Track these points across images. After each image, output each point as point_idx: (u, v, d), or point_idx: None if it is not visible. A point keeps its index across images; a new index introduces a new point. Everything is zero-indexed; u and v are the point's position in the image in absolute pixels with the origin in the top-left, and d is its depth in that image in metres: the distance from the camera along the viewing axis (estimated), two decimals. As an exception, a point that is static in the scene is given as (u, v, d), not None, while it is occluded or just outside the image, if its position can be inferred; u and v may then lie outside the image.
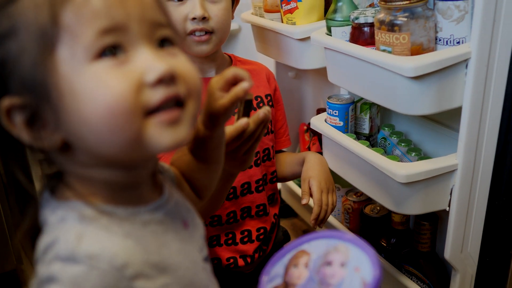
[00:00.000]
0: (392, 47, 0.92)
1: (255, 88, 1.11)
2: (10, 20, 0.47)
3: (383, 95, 0.97)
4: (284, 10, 1.26)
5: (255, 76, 1.13)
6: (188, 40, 0.99)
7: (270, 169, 1.13)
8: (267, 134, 1.11)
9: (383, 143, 1.20)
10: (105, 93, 0.45)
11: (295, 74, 1.74)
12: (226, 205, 1.06)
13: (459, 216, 0.99)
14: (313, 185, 1.05)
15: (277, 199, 1.19)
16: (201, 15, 0.95)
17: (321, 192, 1.05)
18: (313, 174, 1.07)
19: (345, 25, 1.07)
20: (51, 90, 0.46)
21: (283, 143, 1.20)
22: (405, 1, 0.89)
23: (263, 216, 1.12)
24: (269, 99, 1.13)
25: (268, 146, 1.11)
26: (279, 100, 1.18)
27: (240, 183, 1.07)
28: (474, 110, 0.91)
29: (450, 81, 0.89)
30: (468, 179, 0.96)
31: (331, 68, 1.14)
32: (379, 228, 1.29)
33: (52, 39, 0.45)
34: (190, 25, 0.97)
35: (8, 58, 0.47)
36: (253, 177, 1.08)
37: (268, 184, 1.14)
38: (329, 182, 1.08)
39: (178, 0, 0.97)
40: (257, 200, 1.10)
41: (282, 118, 1.18)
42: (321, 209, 1.04)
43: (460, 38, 0.90)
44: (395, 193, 1.00)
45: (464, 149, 0.93)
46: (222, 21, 0.99)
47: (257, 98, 1.10)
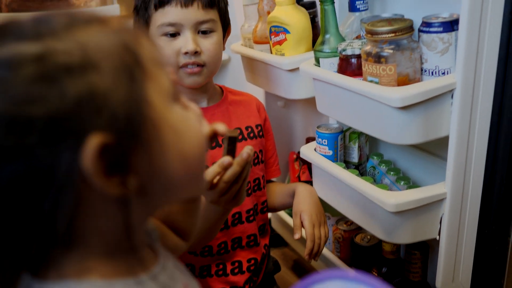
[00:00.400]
0: (379, 78, 0.93)
1: (245, 118, 1.12)
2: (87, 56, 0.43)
3: (371, 125, 0.99)
4: (273, 41, 1.29)
5: (246, 107, 1.15)
6: (180, 72, 1.01)
7: (261, 199, 1.13)
8: (258, 164, 1.12)
9: (372, 171, 1.20)
10: (197, 131, 0.49)
11: (284, 103, 1.75)
12: (217, 236, 1.06)
13: (449, 245, 0.99)
14: (305, 219, 1.06)
15: (268, 229, 1.18)
16: (193, 49, 0.97)
17: (313, 226, 1.06)
18: (304, 207, 1.08)
19: (333, 56, 1.09)
20: (148, 127, 0.43)
21: (273, 173, 1.20)
22: (391, 34, 0.91)
23: (253, 246, 1.11)
24: (260, 129, 1.14)
25: (258, 176, 1.12)
26: (269, 130, 1.19)
27: (231, 213, 1.06)
28: (461, 139, 0.92)
29: (437, 111, 0.91)
30: (457, 208, 0.97)
31: (320, 98, 1.15)
32: (370, 257, 1.28)
33: (141, 71, 0.44)
34: (183, 59, 0.99)
35: (96, 92, 0.41)
36: (244, 207, 1.08)
37: (259, 214, 1.14)
38: (320, 215, 1.08)
39: (171, 35, 0.99)
40: (248, 230, 1.10)
41: (272, 148, 1.19)
42: (314, 243, 1.04)
43: (445, 69, 0.92)
44: (384, 222, 1.00)
45: (452, 178, 0.94)
46: (214, 55, 1.02)
47: (248, 128, 1.12)
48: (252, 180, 1.10)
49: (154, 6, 0.98)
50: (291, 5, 1.24)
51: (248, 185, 1.09)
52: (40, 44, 0.41)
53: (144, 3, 1.00)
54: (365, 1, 1.12)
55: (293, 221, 1.09)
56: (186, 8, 0.97)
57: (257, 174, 1.12)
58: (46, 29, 0.42)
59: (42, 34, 0.42)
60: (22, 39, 0.41)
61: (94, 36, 0.43)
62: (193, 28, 0.98)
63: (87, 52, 0.42)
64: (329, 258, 1.40)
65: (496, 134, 0.93)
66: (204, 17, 0.99)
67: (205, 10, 0.99)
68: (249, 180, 1.09)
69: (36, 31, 0.42)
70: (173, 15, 0.97)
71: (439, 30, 0.90)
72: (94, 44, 0.43)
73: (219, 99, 1.12)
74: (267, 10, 1.36)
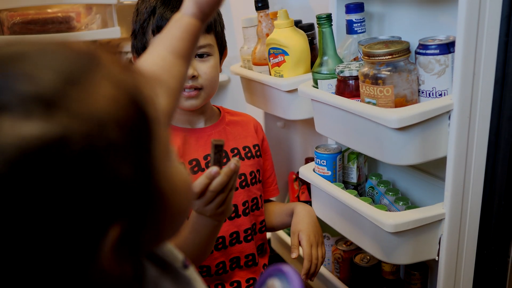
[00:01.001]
0: (377, 99, 0.94)
1: (243, 138, 1.13)
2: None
3: (369, 146, 0.99)
4: (272, 63, 1.30)
5: (244, 127, 1.16)
6: None
7: (259, 219, 1.14)
8: (255, 183, 1.12)
9: (371, 192, 1.20)
10: (188, 181, 0.48)
11: (283, 124, 1.76)
12: (215, 256, 1.06)
13: (448, 265, 0.99)
14: (303, 239, 1.06)
15: (266, 249, 1.18)
16: (191, 74, 1.00)
17: (311, 246, 1.07)
18: (303, 227, 1.08)
19: (331, 78, 1.11)
20: (157, 197, 0.40)
21: (272, 192, 1.21)
22: (388, 56, 0.92)
23: (252, 266, 1.11)
24: (257, 149, 1.15)
25: (256, 196, 1.12)
26: (267, 150, 1.20)
27: (229, 232, 1.06)
28: (459, 159, 0.92)
29: (434, 132, 0.92)
30: (456, 228, 0.97)
31: (318, 119, 1.16)
32: (370, 277, 1.28)
33: (148, 141, 0.40)
34: None
35: (119, 178, 0.36)
36: (241, 226, 1.08)
37: (257, 233, 1.13)
38: (318, 235, 1.09)
39: None
40: (246, 250, 1.09)
41: (270, 168, 1.20)
42: (312, 263, 1.04)
43: (442, 91, 0.93)
44: (383, 243, 1.00)
45: (451, 198, 0.94)
46: (210, 78, 1.04)
47: (245, 148, 1.13)
48: (250, 200, 1.11)
49: (152, 32, 1.00)
50: (289, 28, 1.26)
51: (246, 205, 1.09)
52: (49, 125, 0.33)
53: (142, 28, 1.01)
54: (362, 23, 1.13)
55: (290, 240, 1.10)
56: None
57: (255, 194, 1.12)
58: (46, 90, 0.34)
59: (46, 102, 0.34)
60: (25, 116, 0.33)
61: (104, 98, 0.36)
62: None
63: (106, 129, 0.35)
64: (328, 278, 1.39)
65: (494, 154, 0.93)
66: (201, 42, 1.01)
67: (202, 35, 0.98)
68: (246, 199, 1.09)
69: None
70: None
71: (435, 52, 0.92)
72: (108, 111, 0.36)
73: (216, 120, 1.13)
74: (266, 32, 1.38)
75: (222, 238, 1.06)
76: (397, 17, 1.14)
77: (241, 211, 1.09)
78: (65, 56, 0.37)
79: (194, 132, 1.09)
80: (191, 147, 1.07)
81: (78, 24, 1.59)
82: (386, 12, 1.17)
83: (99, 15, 1.64)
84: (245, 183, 1.11)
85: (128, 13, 1.11)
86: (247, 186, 1.11)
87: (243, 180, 1.10)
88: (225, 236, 1.06)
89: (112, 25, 1.64)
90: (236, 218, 1.08)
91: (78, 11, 1.59)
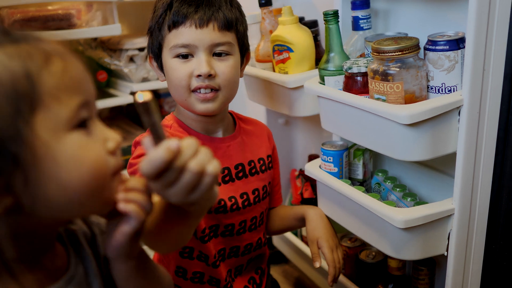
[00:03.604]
0: (386, 95, 0.94)
1: (257, 149, 1.08)
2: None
3: (378, 142, 0.99)
4: (276, 60, 1.30)
5: (258, 137, 1.10)
6: (192, 97, 0.95)
7: (261, 233, 1.11)
8: (265, 197, 1.08)
9: (378, 188, 1.21)
10: (90, 159, 0.50)
11: (285, 121, 1.76)
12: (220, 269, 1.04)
13: (457, 260, 0.99)
14: (324, 247, 1.05)
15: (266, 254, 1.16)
16: (207, 72, 0.91)
17: (332, 251, 1.06)
18: (320, 234, 1.07)
19: (338, 75, 1.11)
20: (27, 155, 0.47)
21: (276, 201, 1.18)
22: (397, 52, 0.92)
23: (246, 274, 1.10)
24: (270, 160, 1.11)
25: (263, 210, 1.09)
26: (276, 159, 1.15)
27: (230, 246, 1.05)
28: (468, 155, 0.93)
29: (444, 128, 0.92)
30: (465, 224, 0.97)
31: (325, 116, 1.16)
32: (376, 274, 1.28)
33: (31, 104, 0.47)
34: (195, 82, 0.93)
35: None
36: (243, 242, 1.06)
37: (261, 248, 1.11)
38: (334, 238, 1.08)
39: (184, 57, 0.93)
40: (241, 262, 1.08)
41: (277, 176, 1.16)
42: (336, 268, 1.05)
43: (451, 86, 0.94)
44: (393, 239, 1.00)
45: (460, 193, 0.95)
46: (229, 79, 0.95)
47: (260, 161, 1.08)
48: (258, 215, 1.07)
49: (168, 27, 0.93)
50: (294, 24, 1.26)
51: (253, 221, 1.06)
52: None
53: (157, 24, 0.95)
54: (368, 20, 1.13)
55: (310, 249, 1.08)
56: (201, 29, 0.92)
57: (262, 208, 1.08)
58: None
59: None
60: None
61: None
62: (208, 50, 0.93)
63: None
64: (333, 275, 1.39)
65: (503, 149, 0.94)
66: (220, 39, 0.93)
67: (221, 32, 0.93)
68: (255, 215, 1.06)
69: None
70: (187, 36, 0.92)
71: (445, 48, 0.92)
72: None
73: (233, 129, 1.06)
74: (269, 29, 1.37)
75: (224, 250, 1.04)
76: (403, 13, 1.14)
77: (248, 227, 1.06)
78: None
79: (212, 142, 1.01)
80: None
81: (79, 21, 1.58)
82: (391, 8, 1.17)
83: (100, 12, 1.63)
84: (257, 199, 1.06)
85: (128, 10, 1.08)
86: (258, 202, 1.06)
87: (256, 195, 1.05)
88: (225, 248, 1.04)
89: (113, 22, 1.63)
90: (242, 234, 1.05)
91: (79, 8, 1.58)
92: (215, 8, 0.94)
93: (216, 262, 1.02)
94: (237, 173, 1.03)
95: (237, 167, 1.03)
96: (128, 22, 1.82)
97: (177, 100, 0.99)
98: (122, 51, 1.75)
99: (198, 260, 1.02)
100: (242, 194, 1.03)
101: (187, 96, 0.95)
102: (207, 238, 1.00)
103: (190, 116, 1.00)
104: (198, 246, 1.00)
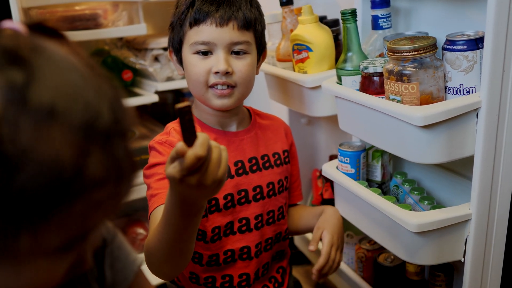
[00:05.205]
0: (401, 96, 0.92)
1: (273, 144, 1.09)
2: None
3: (393, 144, 0.98)
4: (296, 59, 1.29)
5: (273, 132, 1.11)
6: (209, 93, 0.98)
7: (283, 227, 1.10)
8: (282, 191, 1.08)
9: (396, 191, 1.18)
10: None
11: (307, 120, 1.75)
12: (239, 265, 1.04)
13: (475, 267, 0.96)
14: (325, 237, 1.04)
15: (287, 252, 1.15)
16: (225, 69, 0.94)
17: (331, 246, 1.04)
18: (328, 226, 1.06)
19: (355, 74, 1.09)
20: None
21: (297, 197, 1.17)
22: (413, 52, 0.90)
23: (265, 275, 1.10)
24: (286, 155, 1.11)
25: (281, 204, 1.09)
26: (295, 155, 1.16)
27: (255, 243, 1.05)
28: (487, 158, 0.90)
29: (461, 130, 0.89)
30: (483, 229, 0.94)
31: (342, 116, 1.14)
32: (394, 278, 1.26)
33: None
34: (213, 78, 0.96)
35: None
36: (264, 236, 1.06)
37: (280, 241, 1.11)
38: (340, 239, 1.07)
39: (203, 54, 0.96)
40: (263, 260, 1.07)
41: (296, 172, 1.16)
42: (327, 263, 1.03)
43: (469, 88, 0.91)
44: (407, 243, 0.98)
45: (478, 198, 0.92)
46: (245, 77, 0.98)
47: (275, 155, 1.08)
48: (276, 209, 1.07)
49: (189, 24, 0.96)
50: (314, 23, 1.25)
51: (270, 214, 1.06)
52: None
53: (179, 20, 0.98)
54: (388, 19, 1.11)
55: (312, 234, 1.07)
56: (221, 27, 0.94)
57: (281, 202, 1.08)
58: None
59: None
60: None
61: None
62: (226, 48, 0.95)
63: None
64: (351, 277, 1.38)
65: (523, 154, 0.90)
66: (238, 38, 0.95)
67: (240, 31, 0.96)
68: (272, 209, 1.06)
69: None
70: (207, 33, 0.95)
71: (463, 48, 0.89)
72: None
73: (248, 123, 1.08)
74: (290, 28, 1.37)
75: (248, 248, 1.04)
76: (424, 12, 1.12)
77: (265, 220, 1.06)
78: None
79: (225, 136, 1.04)
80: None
81: (105, 21, 1.61)
82: (412, 7, 1.14)
83: (126, 12, 1.66)
84: (272, 192, 1.06)
85: (153, 10, 1.10)
86: (274, 195, 1.06)
87: (271, 189, 1.06)
88: (250, 247, 1.04)
89: (138, 22, 1.66)
90: (262, 229, 1.05)
91: (105, 8, 1.61)
92: (236, 8, 0.96)
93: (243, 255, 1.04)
94: (251, 166, 1.04)
95: (250, 161, 1.04)
96: (153, 21, 1.84)
97: (195, 95, 1.02)
98: (147, 51, 1.77)
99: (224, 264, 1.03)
100: (256, 187, 1.04)
101: (204, 91, 0.98)
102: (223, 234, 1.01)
103: (206, 110, 1.03)
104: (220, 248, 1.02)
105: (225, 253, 1.03)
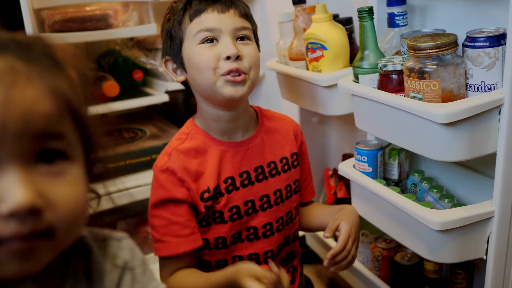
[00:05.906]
0: (423, 94, 0.92)
1: (280, 148, 1.06)
2: None
3: (414, 141, 0.97)
4: (310, 58, 1.29)
5: (281, 135, 1.07)
6: (220, 81, 0.93)
7: (292, 230, 1.09)
8: (291, 196, 1.06)
9: (413, 189, 1.18)
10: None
11: (318, 119, 1.74)
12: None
13: (497, 265, 0.96)
14: (343, 227, 0.97)
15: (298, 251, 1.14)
16: (235, 53, 0.91)
17: (349, 236, 1.00)
18: (347, 219, 1.01)
19: (373, 73, 1.08)
20: None
21: (308, 195, 1.15)
22: (434, 49, 0.90)
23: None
24: (295, 158, 1.07)
25: (291, 208, 1.07)
26: (305, 154, 1.12)
27: (263, 250, 1.03)
28: (509, 155, 0.89)
29: (483, 127, 0.89)
30: (505, 227, 0.94)
31: (359, 115, 1.14)
32: (411, 276, 1.25)
33: None
34: (225, 65, 0.92)
35: None
36: (275, 243, 1.04)
37: (289, 244, 1.09)
38: (358, 234, 1.02)
39: (209, 42, 0.93)
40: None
41: (306, 171, 1.13)
42: (342, 252, 0.95)
43: (491, 84, 0.90)
44: (429, 241, 0.98)
45: (500, 195, 0.91)
46: (255, 61, 0.96)
47: (282, 160, 1.05)
48: (285, 215, 1.05)
49: (190, 18, 0.94)
50: (328, 22, 1.24)
51: (280, 221, 1.04)
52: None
53: (177, 21, 0.95)
54: (404, 16, 1.11)
55: (329, 224, 1.01)
56: (223, 13, 0.94)
57: (290, 207, 1.06)
58: None
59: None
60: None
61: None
62: (232, 33, 0.94)
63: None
64: (367, 276, 1.37)
65: (547, 150, 0.90)
66: (241, 23, 0.95)
67: (241, 18, 0.95)
68: (281, 215, 1.04)
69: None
70: (211, 20, 0.93)
71: (485, 45, 0.89)
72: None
73: (254, 128, 1.04)
74: (303, 27, 1.36)
75: (256, 255, 1.03)
76: (441, 9, 1.11)
77: (275, 228, 1.04)
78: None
79: (231, 147, 1.00)
80: (226, 164, 0.99)
81: (116, 22, 1.61)
82: (428, 4, 1.14)
83: (136, 12, 1.65)
84: (280, 200, 1.04)
85: (163, 10, 1.07)
86: (281, 202, 1.04)
87: (278, 196, 1.03)
88: (259, 254, 1.03)
89: (149, 22, 1.65)
90: (271, 236, 1.03)
91: (116, 9, 1.60)
92: (232, 1, 0.97)
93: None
94: (257, 176, 1.02)
95: (256, 170, 1.02)
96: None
97: (203, 90, 0.96)
98: (157, 51, 1.77)
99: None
100: (262, 197, 1.02)
101: (215, 80, 0.93)
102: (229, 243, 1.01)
103: (210, 115, 0.99)
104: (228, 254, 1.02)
105: (233, 258, 1.02)
